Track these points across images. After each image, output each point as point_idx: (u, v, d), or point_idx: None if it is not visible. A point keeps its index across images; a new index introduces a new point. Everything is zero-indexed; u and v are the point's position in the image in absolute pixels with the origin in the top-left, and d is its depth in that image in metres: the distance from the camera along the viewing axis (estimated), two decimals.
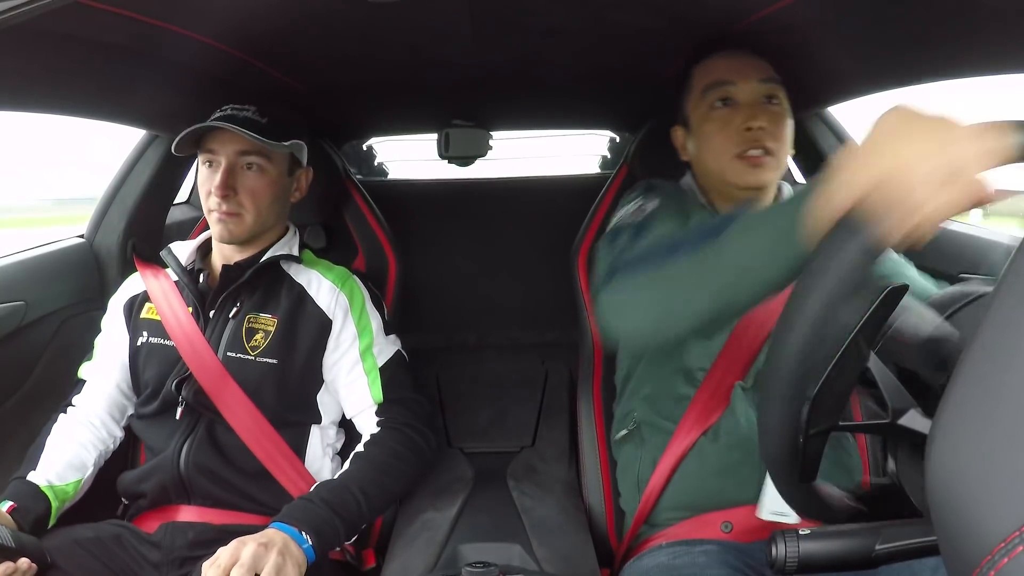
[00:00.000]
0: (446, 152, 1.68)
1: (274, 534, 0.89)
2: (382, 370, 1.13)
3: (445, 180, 2.21)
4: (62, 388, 1.17)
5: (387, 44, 1.10)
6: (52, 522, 1.02)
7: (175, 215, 1.59)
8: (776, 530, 0.51)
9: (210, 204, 1.10)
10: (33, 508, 0.99)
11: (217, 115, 1.09)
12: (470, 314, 1.85)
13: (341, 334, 1.14)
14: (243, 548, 0.84)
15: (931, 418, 0.46)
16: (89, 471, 1.09)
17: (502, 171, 2.20)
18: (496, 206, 1.92)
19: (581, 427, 1.22)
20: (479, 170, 1.92)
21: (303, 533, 0.91)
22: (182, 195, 1.68)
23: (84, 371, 1.17)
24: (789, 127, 0.99)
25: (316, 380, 1.14)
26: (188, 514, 1.07)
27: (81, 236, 1.41)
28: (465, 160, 1.75)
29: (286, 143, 1.11)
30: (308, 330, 1.12)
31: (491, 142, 1.71)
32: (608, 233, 0.96)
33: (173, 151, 1.07)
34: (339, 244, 1.45)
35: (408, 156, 2.78)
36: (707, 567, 0.88)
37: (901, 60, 1.01)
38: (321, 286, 1.16)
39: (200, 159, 1.12)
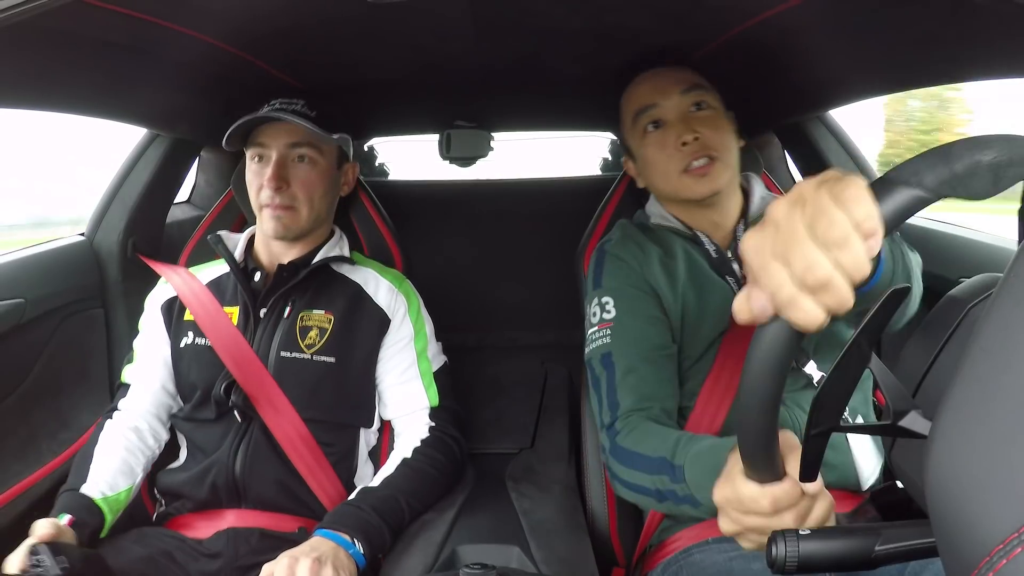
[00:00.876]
0: (447, 153, 1.68)
1: (323, 544, 0.88)
2: (436, 375, 1.14)
3: (446, 181, 2.21)
4: (61, 386, 1.16)
5: (389, 45, 1.10)
6: (105, 532, 0.99)
7: (175, 214, 1.59)
8: (775, 530, 0.51)
9: (262, 199, 1.09)
10: (89, 522, 0.96)
11: (266, 109, 1.08)
12: (470, 315, 1.85)
13: (399, 332, 1.13)
14: (297, 565, 0.83)
15: (931, 420, 0.46)
16: (139, 477, 1.07)
17: (501, 173, 2.20)
18: (496, 207, 1.92)
19: (585, 428, 1.21)
20: (478, 171, 1.93)
21: (354, 541, 0.91)
22: (182, 194, 1.68)
23: (127, 374, 1.15)
24: (724, 125, 1.02)
25: (372, 381, 1.14)
26: (243, 518, 1.04)
27: (81, 234, 1.41)
28: (466, 161, 1.76)
29: (335, 136, 1.12)
30: (367, 327, 1.11)
31: (491, 143, 1.71)
32: (586, 361, 1.03)
33: (224, 146, 1.06)
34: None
35: (409, 156, 2.78)
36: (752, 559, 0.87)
37: (901, 63, 1.01)
38: (380, 285, 1.15)
39: (248, 155, 1.11)
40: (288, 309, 1.11)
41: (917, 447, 0.50)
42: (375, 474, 1.15)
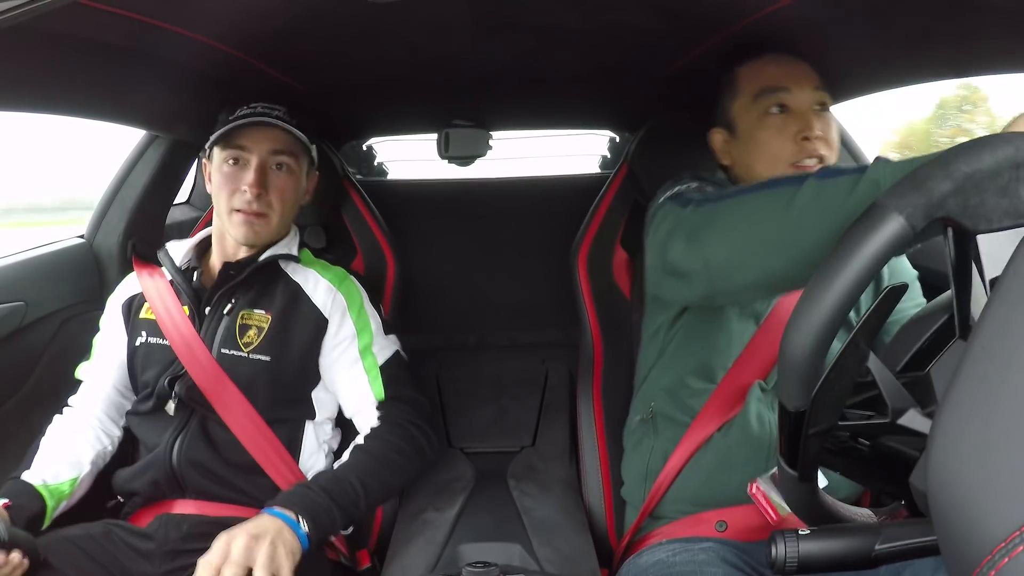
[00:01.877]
0: (446, 152, 1.68)
1: (267, 521, 0.88)
2: (382, 368, 1.13)
3: (445, 180, 2.21)
4: (62, 388, 1.16)
5: (386, 44, 1.10)
6: (47, 522, 1.01)
7: (175, 215, 1.59)
8: (776, 530, 0.51)
9: (235, 203, 1.08)
10: (28, 506, 0.98)
11: (247, 112, 1.08)
12: (470, 314, 1.85)
13: (339, 333, 1.13)
14: (233, 542, 0.83)
15: (931, 418, 0.46)
16: (86, 470, 1.08)
17: (500, 171, 2.20)
18: (496, 206, 1.92)
19: (581, 427, 1.22)
20: (478, 170, 1.93)
21: (299, 519, 0.90)
22: (182, 195, 1.68)
23: (81, 371, 1.17)
24: (835, 134, 0.99)
25: (311, 377, 1.14)
26: (182, 507, 1.07)
27: (81, 236, 1.41)
28: (465, 160, 1.75)
29: (312, 145, 1.13)
30: (303, 328, 1.12)
31: (490, 142, 1.71)
32: (672, 198, 0.95)
33: (208, 147, 1.07)
34: (338, 244, 1.45)
35: (408, 156, 2.78)
36: (706, 564, 0.88)
37: (902, 59, 1.01)
38: (318, 285, 1.15)
39: (222, 156, 1.10)
40: (229, 307, 1.12)
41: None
42: None
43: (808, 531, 0.50)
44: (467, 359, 1.71)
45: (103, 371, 1.15)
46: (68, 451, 1.07)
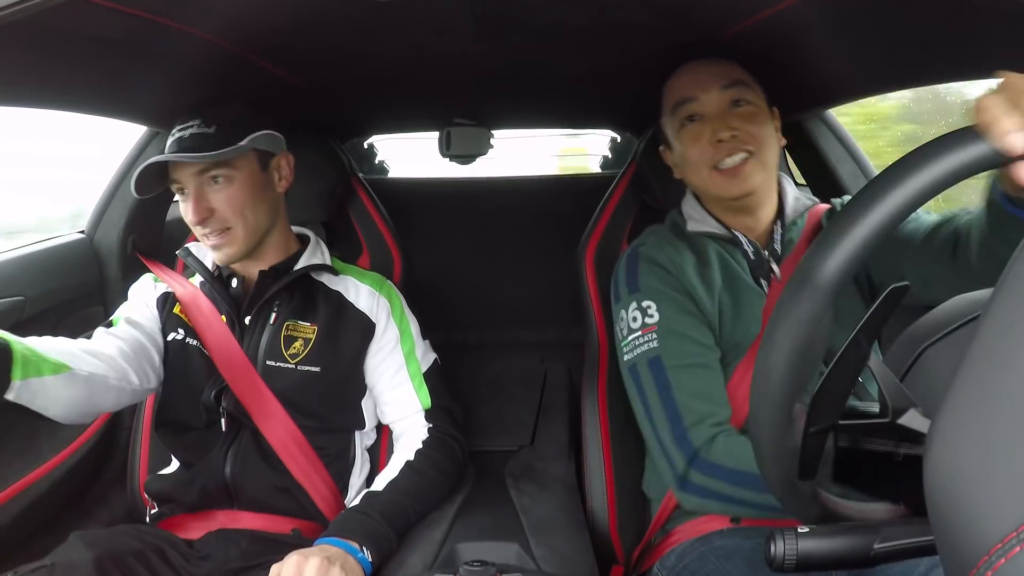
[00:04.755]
0: (447, 150, 1.68)
1: (332, 549, 0.88)
2: (426, 376, 1.14)
3: (445, 179, 2.21)
4: None
5: (389, 42, 1.10)
6: (16, 375, 0.83)
7: (175, 212, 1.59)
8: (774, 529, 0.51)
9: (197, 233, 1.06)
10: None
11: (170, 142, 1.04)
12: (470, 313, 1.85)
13: (384, 336, 1.13)
14: (307, 562, 0.83)
15: (930, 418, 0.46)
16: (81, 372, 0.91)
17: (500, 170, 2.20)
18: (496, 205, 1.92)
19: (585, 426, 1.22)
20: (477, 168, 1.93)
21: (363, 548, 0.91)
22: None
23: (118, 314, 1.11)
24: (764, 121, 1.00)
25: (360, 386, 1.14)
26: (236, 520, 1.05)
27: (81, 232, 1.41)
28: (466, 158, 1.75)
29: (242, 143, 1.04)
30: (350, 335, 1.11)
31: (491, 141, 1.71)
32: (629, 370, 1.02)
33: (139, 194, 1.02)
34: (343, 242, 1.45)
35: (408, 154, 2.78)
36: (725, 558, 0.89)
37: (901, 61, 1.01)
38: (360, 291, 1.15)
39: (175, 192, 1.07)
40: (274, 316, 1.10)
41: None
42: (371, 472, 1.16)
43: (807, 529, 0.50)
44: (466, 358, 1.71)
45: (139, 327, 1.08)
46: (62, 346, 0.94)
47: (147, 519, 1.13)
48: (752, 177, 0.98)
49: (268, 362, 1.08)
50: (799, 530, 0.50)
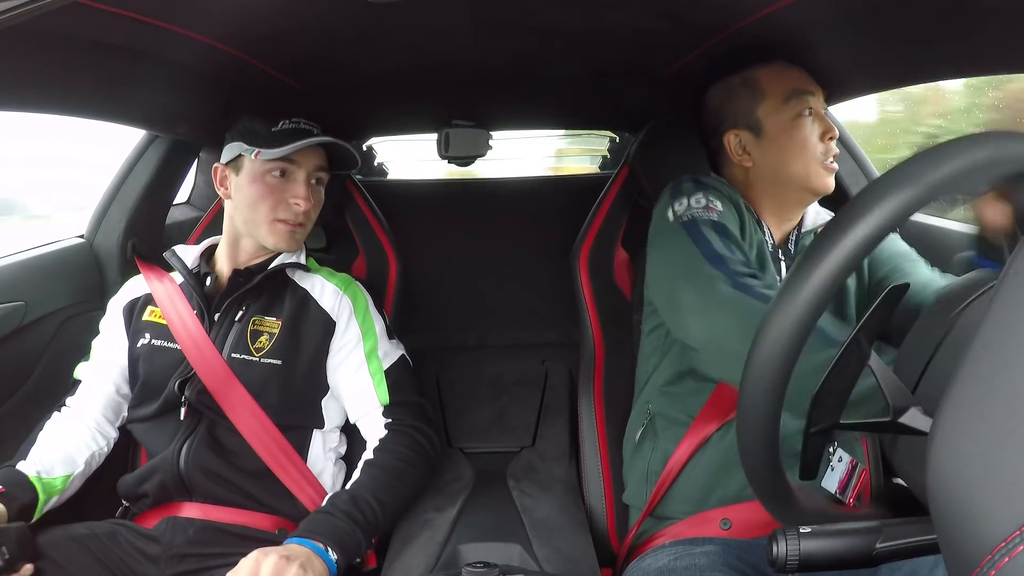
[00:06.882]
0: (446, 152, 1.68)
1: (297, 548, 0.88)
2: (387, 372, 1.14)
3: (445, 180, 2.21)
4: (62, 388, 1.17)
5: (387, 44, 1.10)
6: (38, 514, 1.00)
7: (175, 215, 1.59)
8: (776, 528, 0.51)
9: (279, 213, 1.13)
10: (19, 496, 0.98)
11: (290, 126, 1.13)
12: (470, 314, 1.85)
13: (345, 335, 1.14)
14: (264, 561, 0.83)
15: (932, 416, 0.46)
16: (79, 468, 1.08)
17: (500, 170, 2.20)
18: (496, 206, 1.92)
19: (582, 427, 1.21)
20: (476, 168, 1.92)
21: (328, 548, 0.91)
22: (182, 195, 1.67)
23: (80, 371, 1.17)
24: None
25: (320, 384, 1.15)
26: (190, 511, 1.07)
27: (81, 236, 1.41)
28: (465, 160, 1.75)
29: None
30: (312, 331, 1.13)
31: (490, 142, 1.71)
32: (683, 224, 0.97)
33: (273, 156, 1.09)
34: (339, 245, 1.45)
35: (408, 156, 2.78)
36: (707, 569, 0.88)
37: (901, 59, 1.01)
38: (325, 289, 1.17)
39: (266, 167, 1.12)
40: (241, 313, 1.13)
41: (918, 444, 0.50)
42: (345, 477, 1.17)
43: (809, 529, 0.50)
44: (467, 359, 1.71)
45: (103, 372, 1.16)
46: (63, 447, 1.07)
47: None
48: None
49: (234, 355, 1.10)
50: (801, 530, 0.50)
